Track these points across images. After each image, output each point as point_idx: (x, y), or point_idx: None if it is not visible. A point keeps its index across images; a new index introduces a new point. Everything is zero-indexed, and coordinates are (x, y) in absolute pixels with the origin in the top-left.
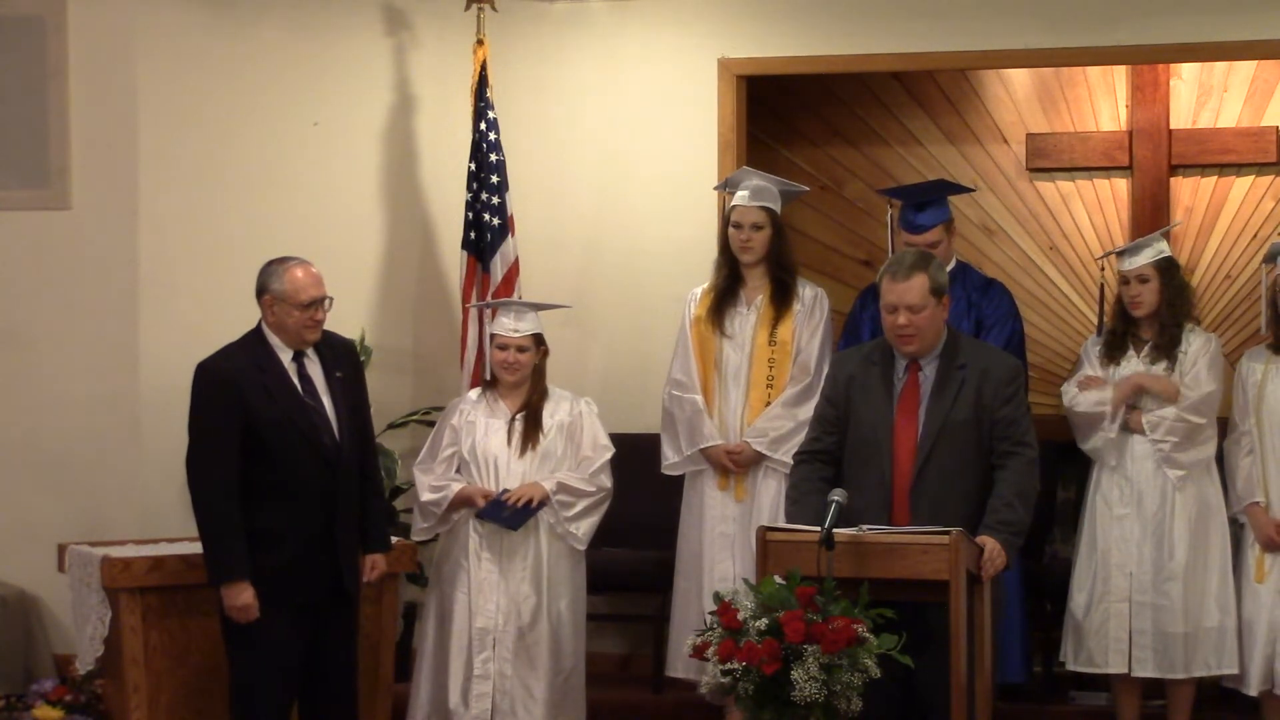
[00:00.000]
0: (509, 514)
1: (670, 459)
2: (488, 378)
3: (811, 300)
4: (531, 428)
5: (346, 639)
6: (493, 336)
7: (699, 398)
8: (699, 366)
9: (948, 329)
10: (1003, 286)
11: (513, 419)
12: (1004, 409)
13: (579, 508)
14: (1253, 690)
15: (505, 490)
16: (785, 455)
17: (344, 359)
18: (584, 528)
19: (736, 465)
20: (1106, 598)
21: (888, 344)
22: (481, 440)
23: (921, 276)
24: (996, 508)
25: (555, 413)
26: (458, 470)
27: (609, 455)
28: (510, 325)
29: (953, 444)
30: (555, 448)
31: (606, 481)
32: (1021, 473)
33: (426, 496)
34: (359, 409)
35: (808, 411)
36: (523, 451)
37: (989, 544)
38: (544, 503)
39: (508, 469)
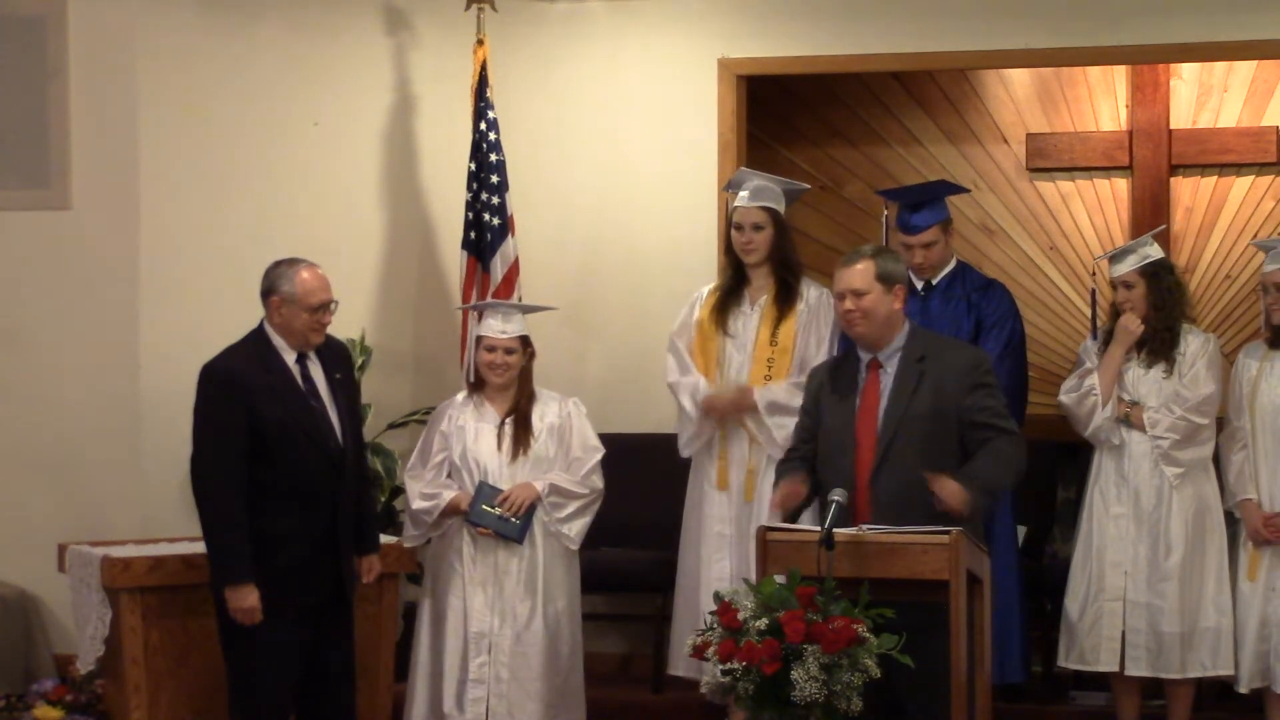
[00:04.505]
0: (511, 528)
1: (686, 434)
2: (472, 380)
3: (815, 301)
4: (522, 431)
5: (344, 640)
6: (480, 338)
7: (700, 379)
8: (700, 366)
9: (912, 327)
10: (1003, 287)
11: (502, 423)
12: (970, 396)
13: (570, 509)
14: (1243, 687)
15: (489, 484)
16: (773, 425)
17: (341, 360)
18: (576, 528)
19: (738, 405)
20: (1101, 596)
21: (856, 348)
22: (472, 445)
23: (866, 262)
24: (969, 464)
25: (545, 415)
26: (448, 475)
27: (599, 456)
28: (498, 327)
29: (912, 438)
30: (547, 450)
31: (598, 483)
32: (1002, 443)
33: (418, 505)
34: (355, 410)
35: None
36: (514, 456)
37: (947, 482)
38: (536, 504)
39: (500, 474)
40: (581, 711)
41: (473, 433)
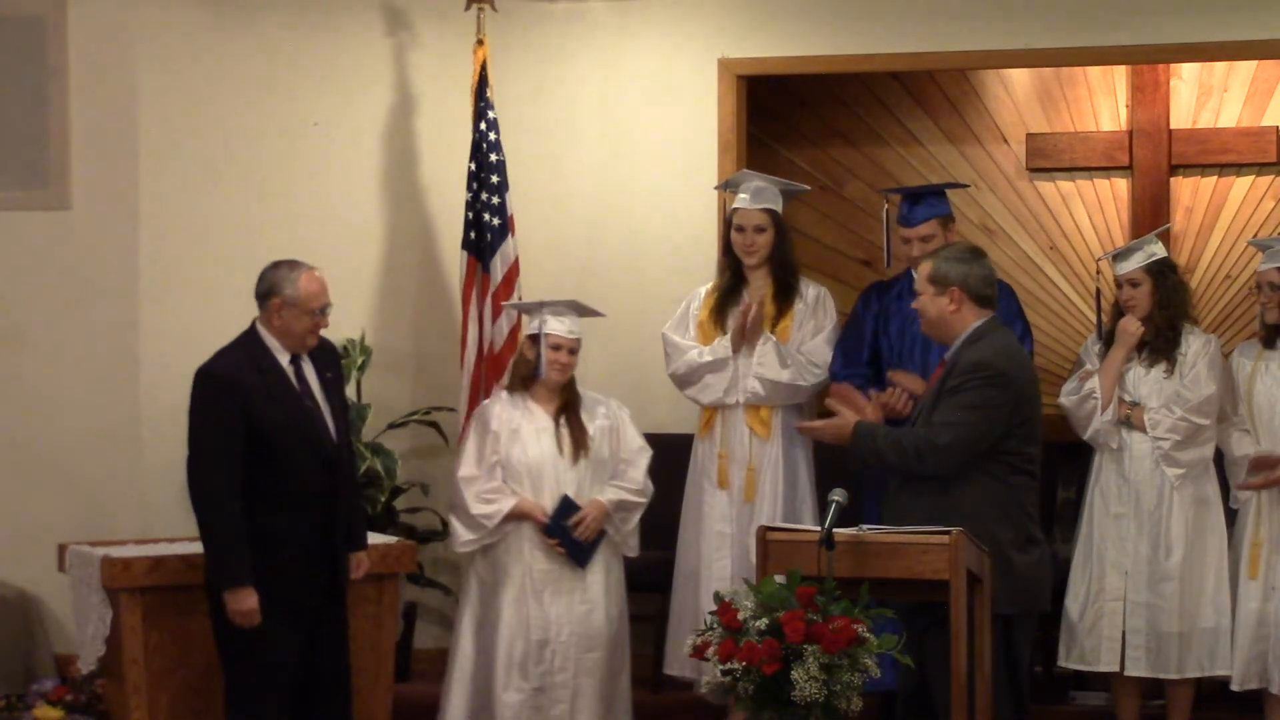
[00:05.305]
0: (581, 551)
1: (713, 393)
2: (541, 375)
3: (814, 299)
4: (579, 433)
5: (340, 641)
6: (544, 336)
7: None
8: None
9: (980, 327)
10: (1007, 287)
11: (557, 424)
12: (945, 395)
13: (635, 520)
14: (1236, 686)
15: (566, 496)
16: (759, 354)
17: (331, 360)
18: (635, 536)
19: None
20: (1101, 596)
21: None
22: (533, 448)
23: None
24: (888, 428)
25: (594, 416)
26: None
27: (648, 457)
28: (567, 327)
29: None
30: (603, 452)
31: (650, 485)
32: (917, 438)
33: (479, 509)
34: (345, 409)
35: (793, 375)
36: (575, 459)
37: (845, 421)
38: (605, 528)
39: (563, 477)
40: (629, 712)
41: (531, 434)
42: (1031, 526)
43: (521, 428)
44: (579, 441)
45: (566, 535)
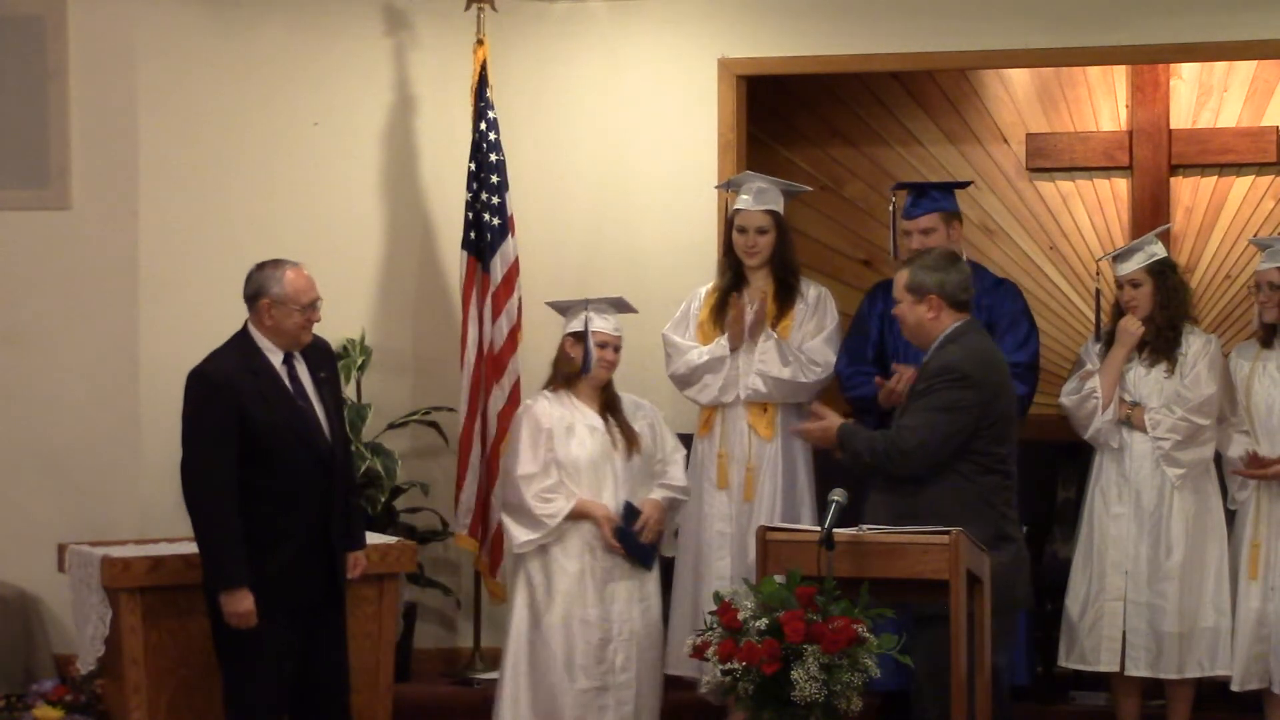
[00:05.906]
0: (646, 553)
1: (710, 392)
2: (589, 372)
3: (814, 299)
4: (628, 430)
5: (338, 641)
6: (591, 334)
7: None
8: None
9: (952, 331)
10: (1013, 286)
11: (606, 422)
12: (914, 398)
13: (678, 519)
14: (1236, 686)
15: (629, 503)
16: (759, 351)
17: (325, 359)
18: (674, 535)
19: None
20: (1101, 596)
21: None
22: (588, 444)
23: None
24: (867, 431)
25: (635, 415)
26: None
27: (684, 455)
28: (613, 325)
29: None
30: (648, 449)
31: (689, 483)
32: (885, 441)
33: (542, 509)
34: (340, 408)
35: (794, 372)
36: (629, 456)
37: (831, 425)
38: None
39: (618, 475)
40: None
41: (585, 432)
42: (1005, 525)
43: (574, 425)
44: (630, 438)
45: (633, 540)
